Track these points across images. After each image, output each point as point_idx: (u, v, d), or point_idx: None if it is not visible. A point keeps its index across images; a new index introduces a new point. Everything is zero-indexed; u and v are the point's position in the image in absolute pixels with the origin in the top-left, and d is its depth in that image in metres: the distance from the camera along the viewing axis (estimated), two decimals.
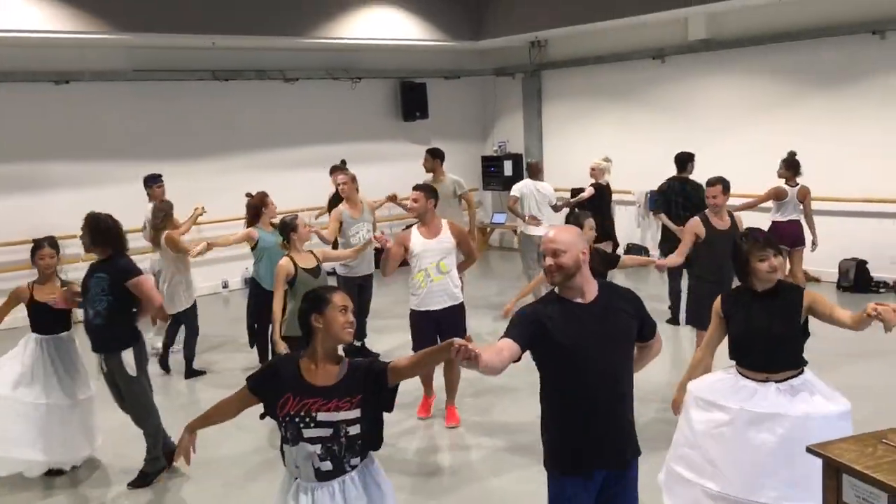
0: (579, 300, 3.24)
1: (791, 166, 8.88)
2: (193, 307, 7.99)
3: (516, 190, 9.85)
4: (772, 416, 3.65)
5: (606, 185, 10.23)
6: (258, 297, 7.47)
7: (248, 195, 7.91)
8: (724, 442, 3.72)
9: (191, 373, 7.86)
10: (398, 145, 13.54)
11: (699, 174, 10.96)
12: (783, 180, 8.86)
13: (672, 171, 11.95)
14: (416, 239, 6.12)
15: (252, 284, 7.80)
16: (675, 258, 6.45)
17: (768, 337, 3.74)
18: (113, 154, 10.92)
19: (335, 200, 9.75)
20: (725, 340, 4.03)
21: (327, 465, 3.05)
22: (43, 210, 10.16)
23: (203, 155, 11.58)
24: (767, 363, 3.80)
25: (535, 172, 10.09)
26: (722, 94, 11.46)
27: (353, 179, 8.17)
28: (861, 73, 10.02)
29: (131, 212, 8.97)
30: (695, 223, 6.37)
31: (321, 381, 3.08)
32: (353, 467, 3.10)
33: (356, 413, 3.04)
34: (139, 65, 11.01)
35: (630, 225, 12.63)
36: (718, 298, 4.05)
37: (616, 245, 10.41)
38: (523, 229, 9.80)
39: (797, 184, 8.88)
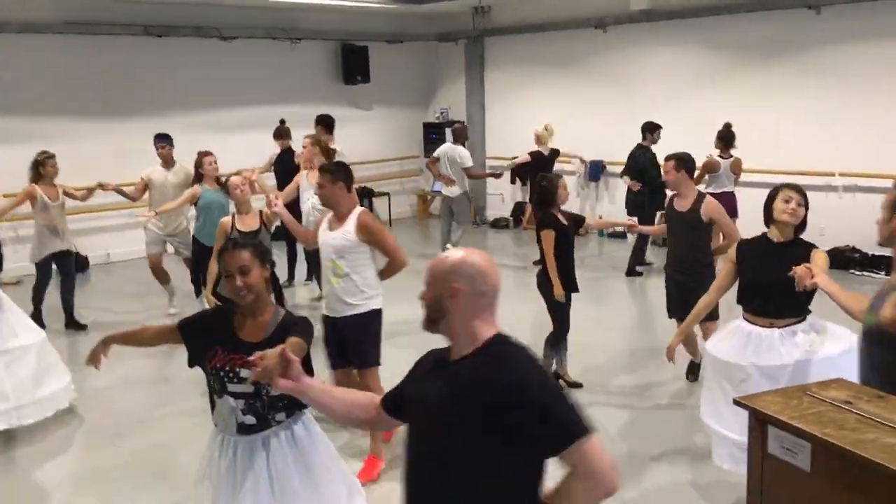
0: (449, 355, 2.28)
1: (724, 137, 9.04)
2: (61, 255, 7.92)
3: (438, 152, 10.44)
4: (780, 367, 3.83)
5: (551, 151, 10.36)
6: (198, 255, 7.56)
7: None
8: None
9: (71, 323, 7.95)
10: (339, 109, 13.26)
11: (633, 146, 11.12)
12: (718, 151, 9.02)
13: (611, 140, 12.11)
14: (322, 227, 4.89)
15: (193, 241, 7.77)
16: (653, 229, 6.80)
17: (776, 285, 3.87)
18: (42, 110, 10.48)
19: (281, 164, 9.60)
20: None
21: (250, 420, 3.02)
22: None
23: (137, 113, 11.20)
24: (773, 310, 3.99)
25: (458, 137, 10.48)
26: (662, 65, 11.54)
27: (316, 143, 7.91)
28: (797, 46, 10.19)
29: (70, 169, 8.70)
30: (667, 203, 6.15)
31: (249, 337, 3.02)
32: (279, 422, 3.06)
33: None
34: (69, 17, 10.57)
35: (570, 194, 12.67)
36: (734, 246, 4.26)
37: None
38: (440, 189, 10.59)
39: (731, 156, 9.05)
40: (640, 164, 9.84)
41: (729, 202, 8.84)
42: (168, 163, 8.38)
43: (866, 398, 2.48)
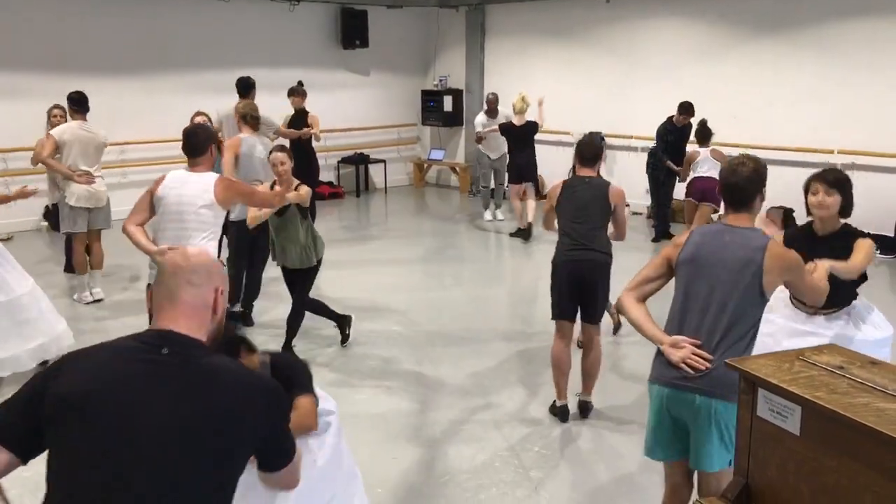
0: None
1: (700, 134, 9.32)
2: None
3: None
4: (812, 332, 3.83)
5: (527, 123, 10.26)
6: None
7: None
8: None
9: None
10: (337, 74, 13.21)
11: (637, 116, 11.03)
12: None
13: (610, 112, 12.03)
14: None
15: None
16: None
17: None
18: (32, 66, 10.34)
19: (294, 122, 9.48)
20: None
21: None
22: None
23: (130, 73, 11.07)
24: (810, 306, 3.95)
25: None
26: (663, 37, 11.42)
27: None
28: (799, 20, 10.09)
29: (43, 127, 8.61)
30: None
31: None
32: None
33: None
34: None
35: (566, 166, 12.58)
36: (782, 236, 4.00)
37: (537, 185, 10.64)
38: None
39: (709, 145, 9.32)
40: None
41: (706, 186, 8.99)
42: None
43: (859, 364, 2.45)
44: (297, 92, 9.69)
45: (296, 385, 2.91)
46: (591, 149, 5.05)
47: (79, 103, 7.44)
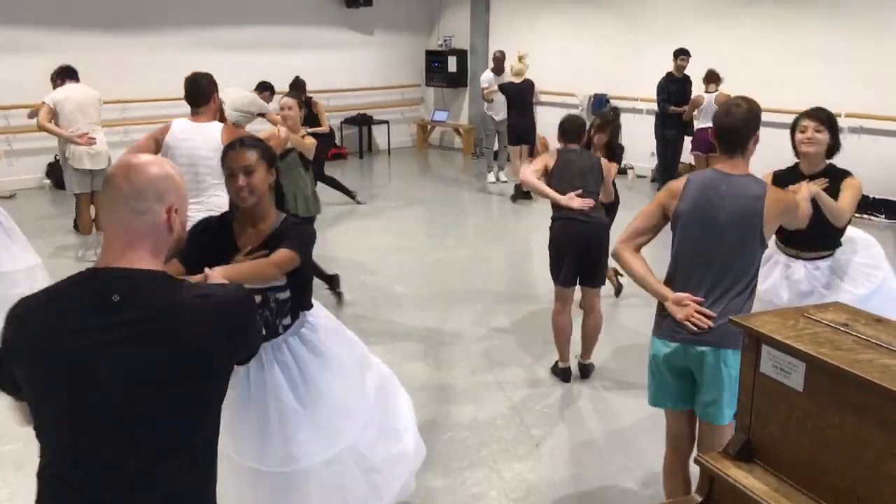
0: None
1: (708, 76, 9.50)
2: None
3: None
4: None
5: (523, 83, 10.27)
6: None
7: None
8: None
9: None
10: (340, 33, 13.06)
11: (644, 78, 10.91)
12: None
13: (616, 73, 11.91)
14: None
15: None
16: None
17: None
18: (33, 22, 10.23)
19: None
20: None
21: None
22: None
23: (131, 29, 10.94)
24: (799, 240, 3.85)
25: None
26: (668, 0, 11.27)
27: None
28: None
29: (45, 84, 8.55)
30: None
31: (245, 244, 2.95)
32: (286, 327, 3.04)
33: (282, 280, 2.95)
34: None
35: None
36: (771, 175, 3.92)
37: (533, 147, 10.64)
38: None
39: (717, 89, 9.41)
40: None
41: (707, 136, 8.92)
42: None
43: (864, 321, 2.43)
44: (296, 86, 9.43)
45: (286, 240, 2.89)
46: (574, 125, 5.19)
47: (69, 75, 7.41)
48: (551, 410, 4.73)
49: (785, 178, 3.89)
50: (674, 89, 9.78)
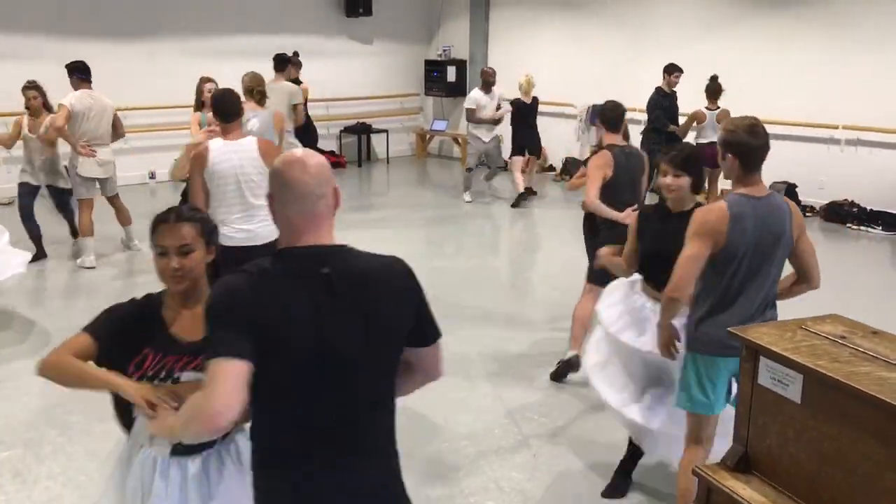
0: None
1: (710, 90, 9.39)
2: None
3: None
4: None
5: (533, 100, 10.63)
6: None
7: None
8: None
9: None
10: (339, 42, 13.11)
11: (643, 90, 10.97)
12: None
13: (615, 84, 11.95)
14: None
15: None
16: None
17: (667, 258, 3.34)
18: (33, 29, 10.26)
19: None
20: None
21: None
22: None
23: (131, 37, 10.97)
24: (665, 283, 3.43)
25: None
26: (670, 9, 11.32)
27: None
28: None
29: (52, 90, 8.55)
30: None
31: (186, 334, 2.42)
32: (223, 437, 2.43)
33: None
34: None
35: (569, 138, 12.57)
36: (636, 215, 3.90)
37: (539, 157, 10.81)
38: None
39: (718, 107, 9.34)
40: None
41: (713, 152, 8.86)
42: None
43: (861, 333, 2.45)
44: (293, 62, 9.53)
45: None
46: (616, 112, 5.26)
47: (85, 72, 7.42)
48: (549, 420, 4.73)
49: (653, 216, 3.79)
50: (666, 104, 9.65)
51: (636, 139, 10.59)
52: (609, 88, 11.85)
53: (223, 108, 4.73)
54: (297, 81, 9.31)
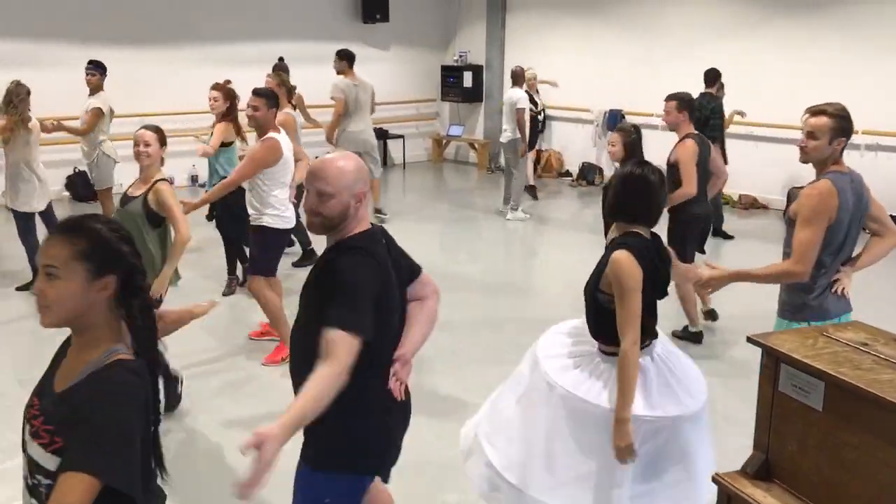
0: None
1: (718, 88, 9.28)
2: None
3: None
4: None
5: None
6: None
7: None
8: None
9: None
10: (356, 48, 13.01)
11: (662, 93, 10.89)
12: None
13: (631, 89, 11.91)
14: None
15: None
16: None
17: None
18: (53, 36, 10.35)
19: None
20: None
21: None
22: None
23: (149, 44, 11.05)
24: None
25: (516, 79, 10.19)
26: (686, 14, 11.28)
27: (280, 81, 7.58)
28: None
29: (72, 96, 8.64)
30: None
31: (58, 380, 1.91)
32: None
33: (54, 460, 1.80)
34: None
35: (586, 143, 12.54)
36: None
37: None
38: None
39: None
40: (704, 115, 9.02)
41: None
42: (94, 90, 8.03)
43: (883, 341, 2.43)
44: (282, 68, 9.19)
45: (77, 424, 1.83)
46: (690, 97, 6.02)
47: (105, 71, 8.02)
48: None
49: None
50: (715, 106, 9.17)
51: (663, 140, 10.60)
52: (625, 92, 11.89)
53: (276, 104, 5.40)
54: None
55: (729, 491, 2.47)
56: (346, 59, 9.29)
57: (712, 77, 9.23)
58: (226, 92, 6.85)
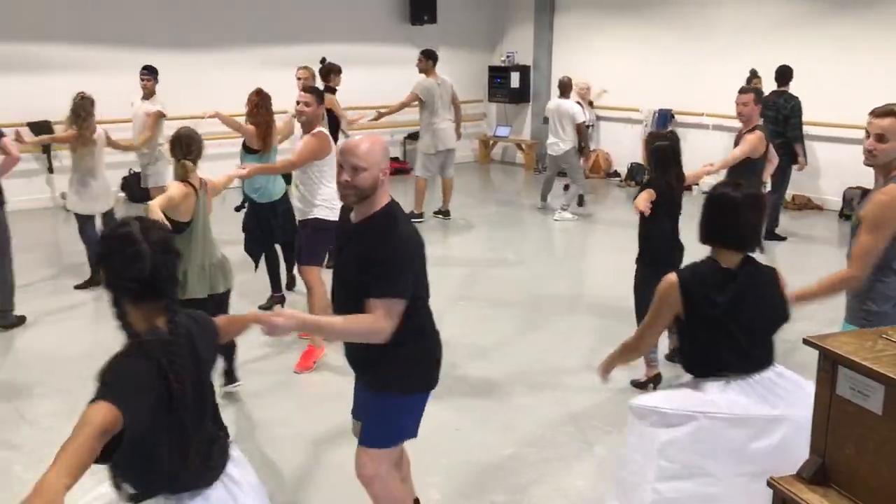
0: (353, 218, 3.05)
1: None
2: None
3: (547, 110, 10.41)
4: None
5: None
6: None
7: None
8: None
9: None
10: (404, 50, 13.18)
11: (712, 93, 10.78)
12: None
13: (680, 89, 11.77)
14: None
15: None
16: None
17: None
18: (110, 40, 10.60)
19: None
20: None
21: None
22: (37, 93, 9.94)
23: (200, 47, 11.24)
24: None
25: (564, 90, 10.22)
26: (738, 13, 11.10)
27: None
28: None
29: (125, 99, 8.84)
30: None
31: None
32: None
33: None
34: None
35: (634, 144, 12.42)
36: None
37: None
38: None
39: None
40: (787, 114, 8.75)
41: None
42: (148, 95, 8.36)
43: None
44: (331, 69, 9.11)
45: None
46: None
47: (158, 75, 8.43)
48: (614, 428, 4.67)
49: None
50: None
51: (714, 141, 10.46)
52: (674, 92, 11.75)
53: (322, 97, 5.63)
54: (332, 90, 8.88)
55: (784, 495, 2.42)
56: (430, 59, 9.60)
57: (786, 74, 8.88)
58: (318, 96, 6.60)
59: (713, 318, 2.93)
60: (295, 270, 6.74)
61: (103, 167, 7.34)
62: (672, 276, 3.02)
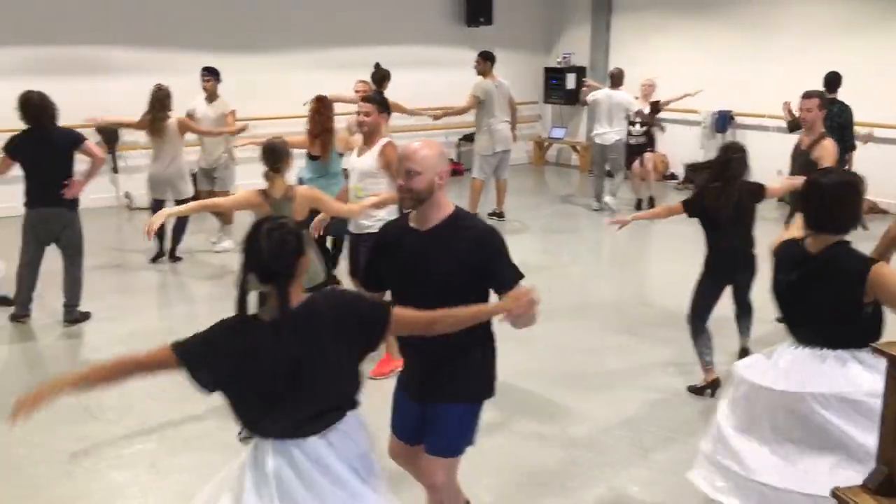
0: (415, 226, 3.00)
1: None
2: None
3: (597, 96, 10.50)
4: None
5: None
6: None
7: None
8: None
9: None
10: (460, 51, 13.19)
11: (772, 96, 10.54)
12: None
13: (740, 90, 11.55)
14: (353, 153, 5.47)
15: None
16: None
17: None
18: (173, 42, 10.84)
19: None
20: None
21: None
22: (102, 95, 10.19)
23: (256, 50, 11.41)
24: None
25: (616, 81, 10.41)
26: (803, 12, 10.85)
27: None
28: None
29: (185, 102, 9.02)
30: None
31: None
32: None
33: None
34: None
35: (693, 145, 12.23)
36: None
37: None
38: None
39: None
40: (842, 123, 8.37)
41: None
42: (211, 96, 8.56)
43: None
44: (382, 75, 9.21)
45: None
46: None
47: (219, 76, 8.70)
48: (669, 431, 4.61)
49: None
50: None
51: (774, 143, 10.24)
52: (734, 93, 11.53)
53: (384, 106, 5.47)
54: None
55: None
56: (488, 61, 9.72)
57: (835, 82, 8.51)
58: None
59: None
60: (335, 271, 6.82)
61: (181, 156, 7.90)
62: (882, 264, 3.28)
